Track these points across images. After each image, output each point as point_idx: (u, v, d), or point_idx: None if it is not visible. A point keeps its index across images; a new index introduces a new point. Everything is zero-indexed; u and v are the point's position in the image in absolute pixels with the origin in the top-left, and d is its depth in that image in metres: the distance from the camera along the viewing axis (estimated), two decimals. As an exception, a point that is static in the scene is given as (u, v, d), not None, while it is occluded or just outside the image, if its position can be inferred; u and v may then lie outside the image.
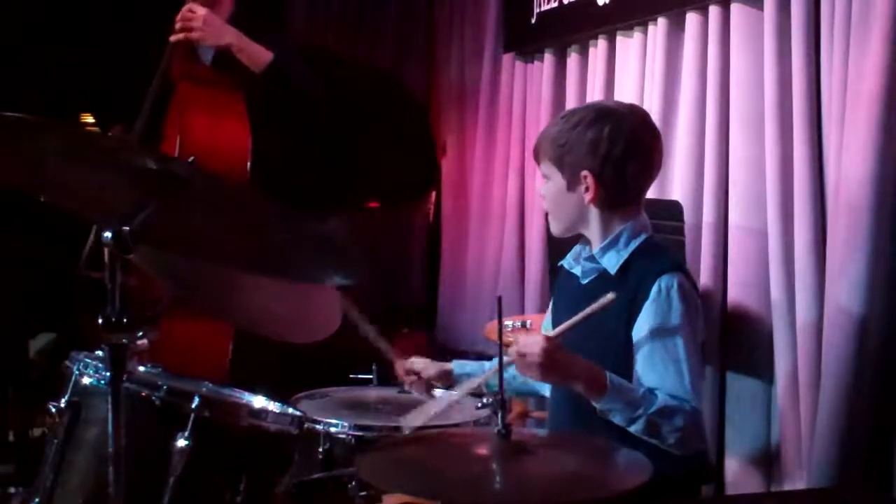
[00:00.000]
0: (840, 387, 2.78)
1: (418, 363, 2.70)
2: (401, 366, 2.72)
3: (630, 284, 2.28)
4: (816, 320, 2.94)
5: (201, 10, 3.24)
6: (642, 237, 2.36)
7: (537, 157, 2.45)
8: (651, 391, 2.20)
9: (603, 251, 2.36)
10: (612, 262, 2.34)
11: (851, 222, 2.76)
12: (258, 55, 3.26)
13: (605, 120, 2.32)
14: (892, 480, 2.69)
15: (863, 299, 2.75)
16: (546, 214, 2.54)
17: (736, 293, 3.26)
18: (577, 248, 2.49)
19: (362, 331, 2.68)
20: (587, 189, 2.33)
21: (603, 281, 2.34)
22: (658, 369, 2.22)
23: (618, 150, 2.30)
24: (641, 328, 2.25)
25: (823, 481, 2.80)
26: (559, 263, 2.57)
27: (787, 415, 3.08)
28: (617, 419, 2.16)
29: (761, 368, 3.23)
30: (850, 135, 2.78)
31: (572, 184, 2.35)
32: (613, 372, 2.18)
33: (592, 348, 2.22)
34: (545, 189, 2.44)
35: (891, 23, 2.67)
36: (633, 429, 2.15)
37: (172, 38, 3.23)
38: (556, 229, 2.47)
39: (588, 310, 2.16)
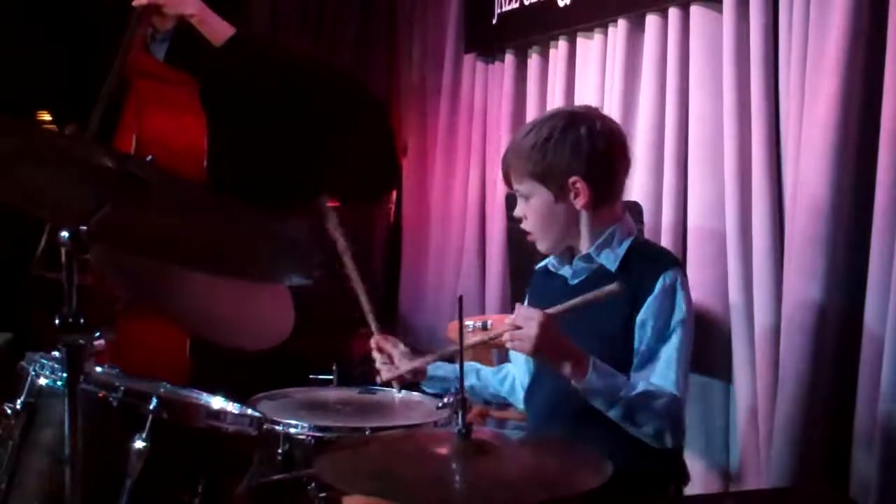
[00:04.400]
0: (798, 387, 2.81)
1: (399, 350, 2.55)
2: (378, 341, 2.57)
3: (631, 281, 2.27)
4: (774, 321, 2.96)
5: None
6: (632, 238, 2.37)
7: (510, 179, 2.40)
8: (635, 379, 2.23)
9: (599, 249, 2.35)
10: (609, 260, 2.34)
11: (809, 223, 2.79)
12: (220, 28, 3.18)
13: (578, 122, 2.32)
14: (849, 479, 2.71)
15: (820, 301, 2.77)
16: (509, 233, 2.50)
17: (695, 294, 3.25)
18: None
19: (356, 289, 2.59)
20: (577, 195, 2.31)
21: (599, 279, 2.32)
22: (651, 364, 2.25)
23: (601, 147, 2.31)
24: (642, 322, 2.27)
25: (781, 481, 2.83)
26: (537, 267, 2.56)
27: (745, 414, 3.10)
28: (597, 403, 2.17)
29: (720, 369, 3.25)
30: (808, 136, 2.81)
31: (560, 195, 2.33)
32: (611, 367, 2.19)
33: (592, 345, 2.22)
34: (524, 209, 2.39)
35: (848, 24, 2.69)
36: (612, 413, 2.17)
37: (136, 2, 3.16)
38: (545, 247, 2.43)
39: (590, 295, 2.16)
